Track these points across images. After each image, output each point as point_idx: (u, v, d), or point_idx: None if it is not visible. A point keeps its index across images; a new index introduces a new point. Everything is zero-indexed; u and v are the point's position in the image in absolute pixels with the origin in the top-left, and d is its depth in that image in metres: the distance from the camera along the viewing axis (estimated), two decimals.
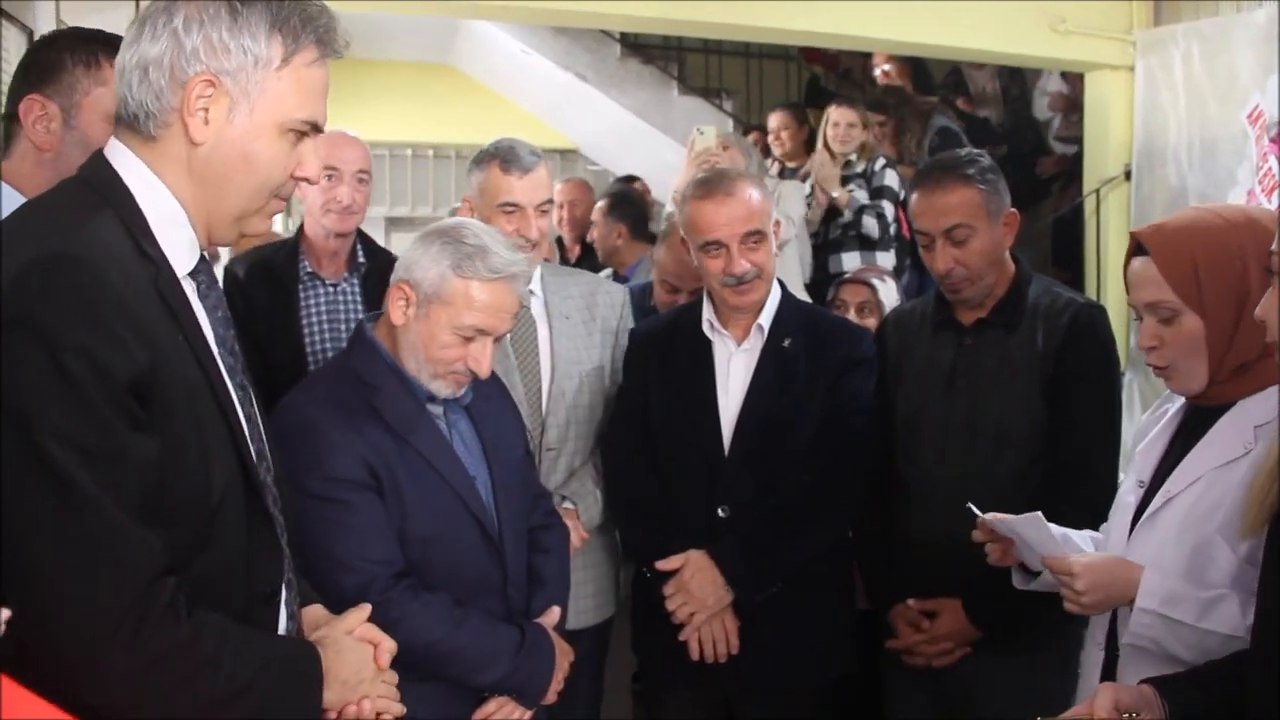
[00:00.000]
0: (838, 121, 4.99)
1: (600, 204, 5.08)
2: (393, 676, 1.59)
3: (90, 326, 1.19)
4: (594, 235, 5.09)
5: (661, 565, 2.43)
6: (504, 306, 2.01)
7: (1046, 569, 1.86)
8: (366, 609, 1.61)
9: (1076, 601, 1.78)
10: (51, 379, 1.17)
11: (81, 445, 1.18)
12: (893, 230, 4.93)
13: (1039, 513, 1.86)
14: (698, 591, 2.40)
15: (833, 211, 4.97)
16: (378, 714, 1.54)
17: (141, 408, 1.23)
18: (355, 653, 1.53)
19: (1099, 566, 1.78)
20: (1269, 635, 1.42)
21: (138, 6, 3.96)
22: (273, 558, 1.46)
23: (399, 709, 1.59)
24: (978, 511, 1.95)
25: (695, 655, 2.41)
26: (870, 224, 4.86)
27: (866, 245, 4.92)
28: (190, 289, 1.38)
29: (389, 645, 1.58)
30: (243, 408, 1.42)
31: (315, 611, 1.63)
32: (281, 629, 1.48)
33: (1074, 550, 1.88)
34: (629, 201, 5.07)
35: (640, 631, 2.63)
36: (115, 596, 1.20)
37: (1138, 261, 1.80)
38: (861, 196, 4.94)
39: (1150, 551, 1.77)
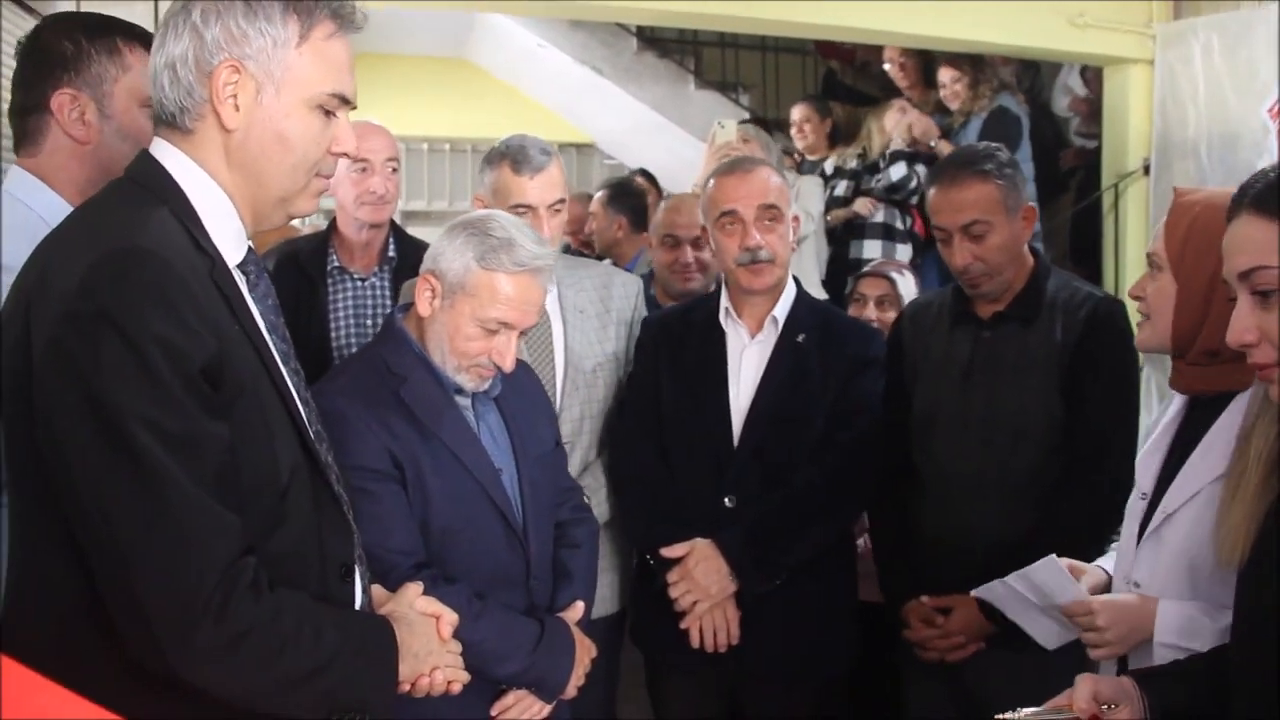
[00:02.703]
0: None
1: (599, 195, 5.03)
2: (456, 646, 1.65)
3: (165, 316, 1.24)
4: (593, 227, 5.06)
5: (667, 552, 2.44)
6: (529, 300, 2.01)
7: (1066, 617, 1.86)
8: (420, 585, 1.67)
9: (1101, 642, 1.76)
10: (133, 367, 1.22)
11: (164, 430, 1.23)
12: (908, 224, 4.92)
13: (1053, 555, 1.85)
14: (702, 580, 2.41)
15: (869, 192, 4.98)
16: (448, 683, 1.61)
17: (213, 392, 1.28)
18: (422, 625, 1.60)
19: (1119, 605, 1.76)
20: (1253, 629, 1.41)
21: (157, 0, 3.98)
22: (342, 533, 1.50)
23: (465, 676, 1.66)
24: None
25: (696, 644, 2.43)
26: (897, 171, 4.88)
27: (889, 235, 4.91)
28: (240, 280, 1.42)
29: (450, 617, 1.64)
30: (297, 391, 1.46)
31: (376, 589, 1.69)
32: (357, 604, 1.53)
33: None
34: (629, 193, 5.03)
35: (642, 619, 2.64)
36: (202, 577, 1.25)
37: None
38: (897, 171, 4.93)
39: (1157, 574, 1.76)
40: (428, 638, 1.60)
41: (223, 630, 1.25)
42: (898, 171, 4.86)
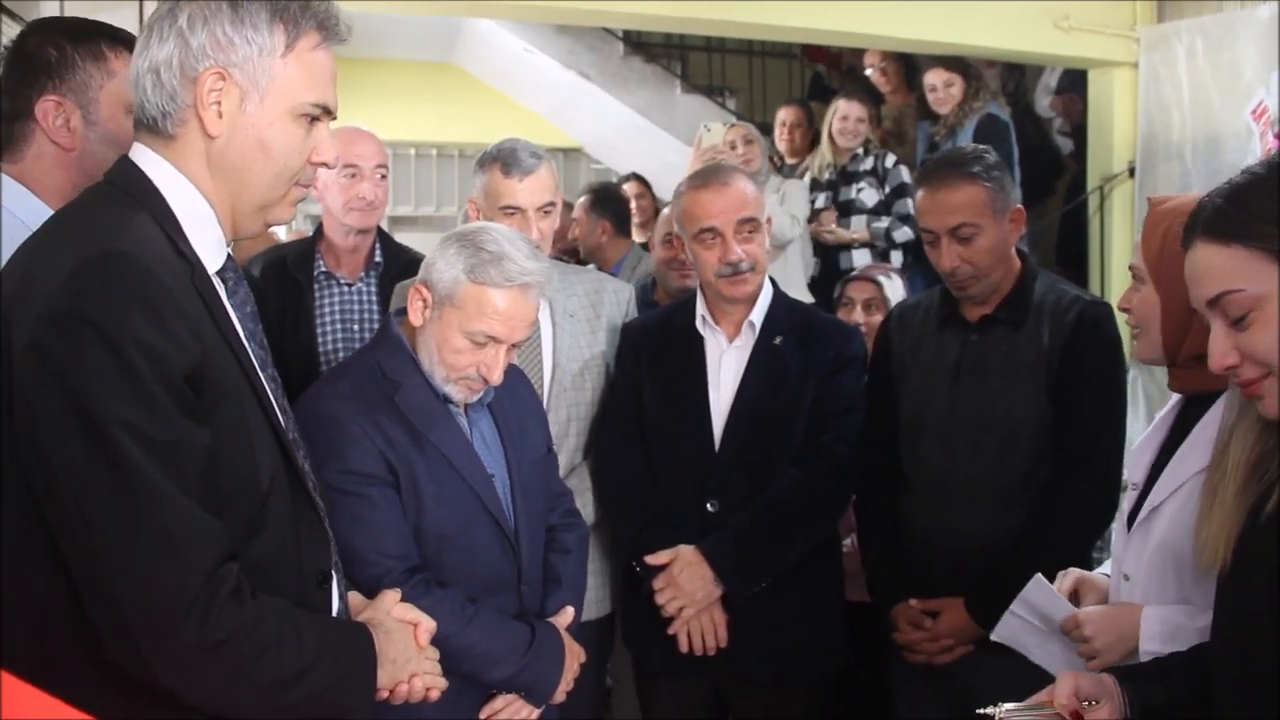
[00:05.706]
0: (846, 115, 4.98)
1: (581, 200, 5.02)
2: (434, 653, 1.66)
3: (148, 321, 1.24)
4: (576, 233, 5.06)
5: (651, 560, 2.45)
6: (517, 315, 1.99)
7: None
8: (397, 592, 1.69)
9: (1093, 652, 1.78)
10: (115, 372, 1.22)
11: (146, 435, 1.23)
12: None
13: (1038, 575, 1.88)
14: (687, 586, 2.41)
15: (845, 207, 4.96)
16: (426, 690, 1.62)
17: (195, 397, 1.28)
18: (401, 633, 1.62)
19: (1102, 615, 1.80)
20: (1233, 634, 1.42)
21: (142, 6, 3.97)
22: (320, 541, 1.50)
23: (443, 683, 1.67)
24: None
25: (684, 648, 2.44)
26: (904, 233, 4.82)
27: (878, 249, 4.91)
28: (219, 286, 1.42)
29: (428, 625, 1.66)
30: (275, 398, 1.46)
31: (353, 596, 1.70)
32: (334, 612, 1.53)
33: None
34: (611, 198, 5.03)
35: (631, 624, 2.64)
36: (185, 582, 1.24)
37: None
38: (869, 197, 4.92)
39: (1143, 566, 1.77)
40: (405, 645, 1.61)
41: (204, 636, 1.24)
42: (904, 233, 4.84)
